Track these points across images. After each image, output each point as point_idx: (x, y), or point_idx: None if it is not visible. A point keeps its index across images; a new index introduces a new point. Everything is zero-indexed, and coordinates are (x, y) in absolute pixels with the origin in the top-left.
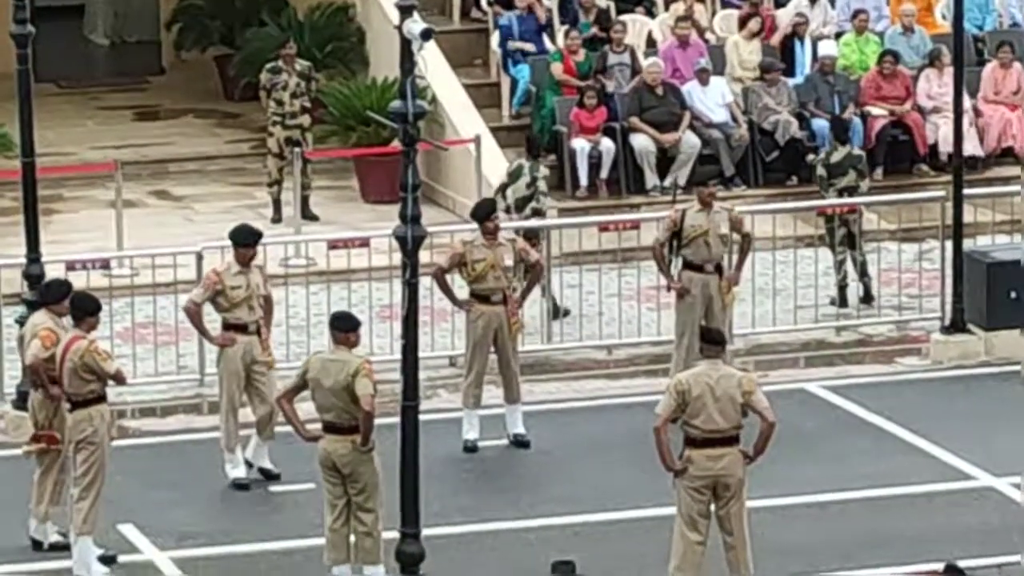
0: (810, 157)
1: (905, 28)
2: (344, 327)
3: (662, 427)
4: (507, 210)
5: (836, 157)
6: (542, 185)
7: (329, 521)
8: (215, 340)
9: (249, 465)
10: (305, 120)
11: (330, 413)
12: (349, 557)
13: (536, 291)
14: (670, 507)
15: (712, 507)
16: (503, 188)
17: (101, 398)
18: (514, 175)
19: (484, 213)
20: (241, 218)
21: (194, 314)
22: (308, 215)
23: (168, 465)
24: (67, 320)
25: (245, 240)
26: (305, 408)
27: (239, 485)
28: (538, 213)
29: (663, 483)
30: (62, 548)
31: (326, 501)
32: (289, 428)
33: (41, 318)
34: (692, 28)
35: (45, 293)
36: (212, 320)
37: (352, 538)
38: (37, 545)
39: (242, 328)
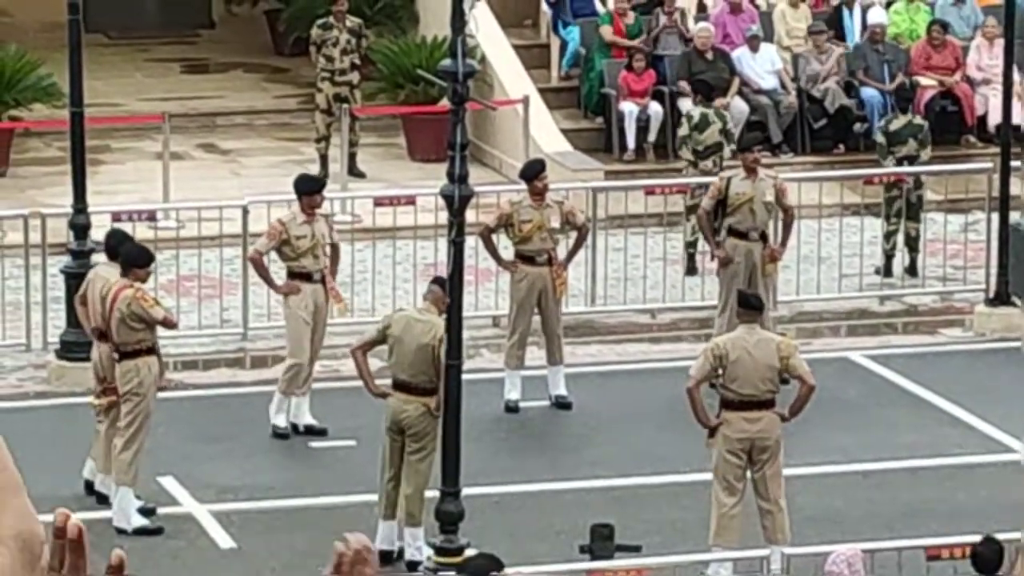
0: (857, 126)
1: None
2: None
3: (695, 387)
4: (694, 160)
5: (895, 125)
6: (732, 128)
7: (386, 478)
8: (280, 289)
9: (295, 428)
10: (354, 77)
11: (405, 372)
12: (396, 515)
13: (581, 253)
14: (710, 473)
15: (748, 473)
16: (685, 141)
17: (150, 350)
18: (701, 125)
19: (533, 173)
20: (288, 173)
21: (259, 263)
22: (355, 172)
23: (209, 418)
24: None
25: (309, 188)
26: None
27: (279, 434)
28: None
29: (703, 448)
30: (103, 499)
31: (385, 459)
32: (347, 384)
33: (111, 273)
34: None
35: (107, 245)
36: (276, 269)
37: (401, 499)
38: (90, 486)
39: (307, 277)
